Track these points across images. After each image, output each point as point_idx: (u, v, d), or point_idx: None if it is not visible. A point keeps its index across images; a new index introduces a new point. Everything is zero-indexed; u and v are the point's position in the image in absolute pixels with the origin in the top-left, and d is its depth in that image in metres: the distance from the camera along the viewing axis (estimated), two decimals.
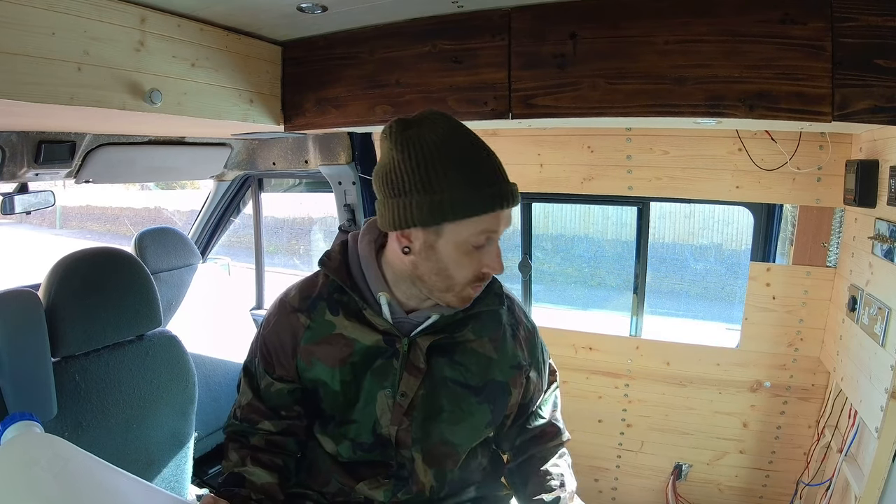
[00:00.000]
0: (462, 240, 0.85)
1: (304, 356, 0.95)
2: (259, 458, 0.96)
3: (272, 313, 1.00)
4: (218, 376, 2.19)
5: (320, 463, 1.01)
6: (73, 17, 1.17)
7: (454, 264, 0.86)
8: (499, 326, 0.99)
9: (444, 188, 0.83)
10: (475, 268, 0.88)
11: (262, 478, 0.94)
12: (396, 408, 0.94)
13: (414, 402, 0.94)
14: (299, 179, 2.72)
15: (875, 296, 1.39)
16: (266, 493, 0.94)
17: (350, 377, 0.94)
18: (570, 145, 1.97)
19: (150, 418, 1.32)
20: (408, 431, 0.95)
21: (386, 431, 0.95)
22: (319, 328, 0.95)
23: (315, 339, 0.95)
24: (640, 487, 2.13)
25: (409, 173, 0.83)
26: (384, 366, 0.93)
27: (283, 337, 0.97)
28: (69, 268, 1.22)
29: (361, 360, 0.93)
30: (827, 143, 1.68)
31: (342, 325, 0.94)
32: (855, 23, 1.19)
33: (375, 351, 0.93)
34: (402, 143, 0.84)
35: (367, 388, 0.94)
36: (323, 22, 1.57)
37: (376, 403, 0.94)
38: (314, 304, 0.96)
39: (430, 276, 0.88)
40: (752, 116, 1.30)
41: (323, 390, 0.96)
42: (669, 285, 6.46)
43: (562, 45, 1.42)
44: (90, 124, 1.62)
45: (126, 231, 9.94)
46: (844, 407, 1.61)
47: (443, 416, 0.95)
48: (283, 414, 0.99)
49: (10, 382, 1.09)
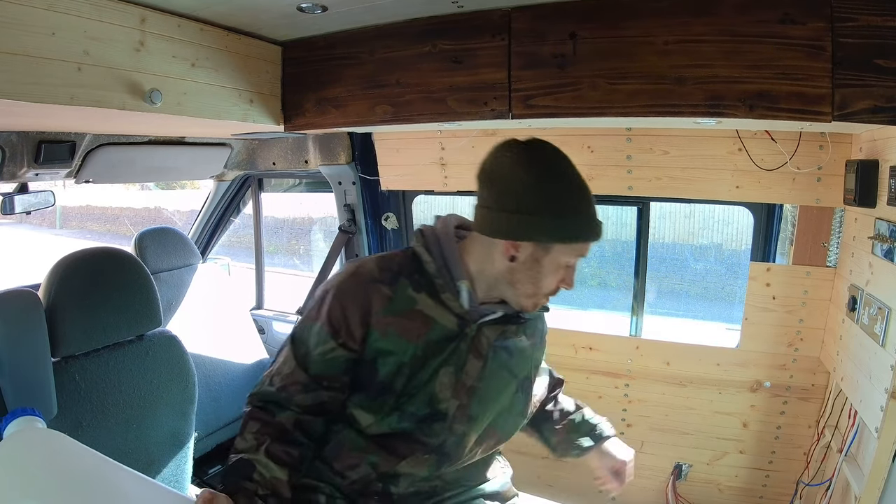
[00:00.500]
0: (563, 260, 0.99)
1: (380, 326, 0.99)
2: (274, 450, 0.96)
3: (345, 281, 1.02)
4: (218, 376, 2.19)
5: (351, 443, 1.02)
6: (73, 17, 1.17)
7: (547, 278, 1.00)
8: (539, 331, 1.15)
9: (569, 217, 0.96)
10: (557, 283, 1.01)
11: (272, 471, 0.95)
12: (459, 385, 1.02)
13: (475, 383, 1.03)
14: (299, 179, 2.72)
15: (875, 296, 1.39)
16: (273, 488, 0.94)
17: (421, 353, 1.00)
18: (570, 145, 1.95)
19: (150, 418, 1.31)
20: (465, 409, 1.03)
21: (444, 406, 1.01)
22: (401, 302, 1.00)
23: (394, 312, 0.99)
24: (640, 487, 2.12)
25: (538, 196, 0.95)
26: (453, 347, 1.01)
27: (358, 304, 0.99)
28: (69, 268, 1.22)
29: (435, 339, 1.00)
30: (827, 143, 1.68)
31: (424, 303, 1.01)
32: (855, 23, 1.19)
33: (448, 331, 1.01)
34: (531, 164, 0.96)
35: (433, 365, 1.00)
36: (323, 22, 1.57)
37: (437, 379, 1.01)
38: (395, 279, 1.01)
39: (524, 282, 1.00)
40: (752, 116, 1.30)
41: (389, 362, 0.99)
42: (669, 285, 6.45)
43: (562, 45, 1.42)
44: (90, 124, 1.63)
45: (126, 231, 9.94)
46: (844, 407, 1.61)
47: (497, 401, 1.06)
48: (326, 384, 1.00)
49: (10, 382, 1.09)
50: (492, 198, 0.98)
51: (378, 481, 1.02)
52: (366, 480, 1.02)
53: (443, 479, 1.06)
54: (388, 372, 0.99)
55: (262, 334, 2.62)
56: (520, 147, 0.98)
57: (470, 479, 1.10)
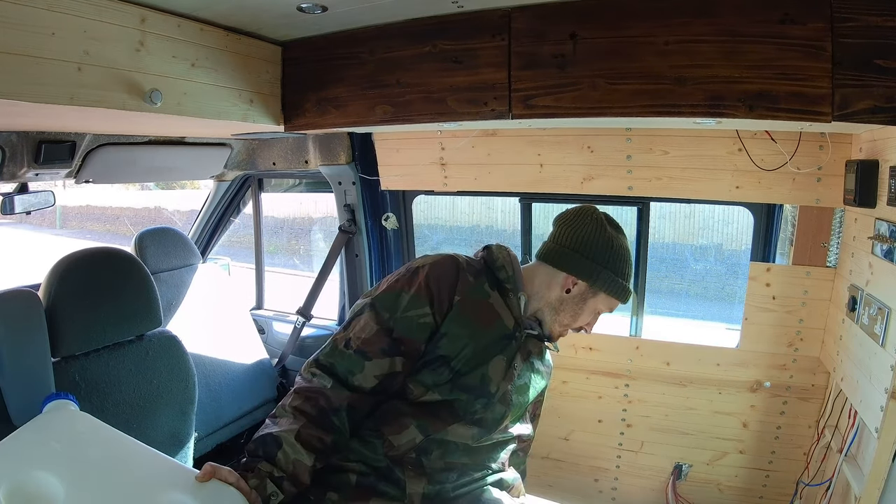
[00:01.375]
0: (599, 306, 1.24)
1: (462, 306, 1.13)
2: (307, 433, 1.00)
3: (440, 262, 1.16)
4: (218, 376, 2.19)
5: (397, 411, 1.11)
6: (73, 17, 1.17)
7: (583, 316, 1.24)
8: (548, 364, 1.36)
9: (621, 279, 1.22)
10: (583, 323, 1.25)
11: (298, 454, 0.98)
12: (509, 374, 1.19)
13: (517, 377, 1.21)
14: (299, 179, 2.72)
15: (875, 296, 1.39)
16: (293, 472, 0.97)
17: (485, 338, 1.15)
18: (570, 145, 1.97)
19: (150, 418, 1.32)
20: (508, 394, 1.18)
21: (493, 388, 1.15)
22: (479, 291, 1.17)
23: (473, 298, 1.15)
24: (640, 487, 2.13)
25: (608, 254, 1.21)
26: (506, 343, 1.18)
27: (449, 282, 1.14)
28: (69, 268, 1.22)
29: (497, 330, 1.17)
30: (827, 143, 1.68)
31: (495, 299, 1.18)
32: (855, 23, 1.19)
33: (506, 329, 1.18)
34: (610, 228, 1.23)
35: (491, 352, 1.16)
36: (323, 22, 1.57)
37: (491, 363, 1.15)
38: (478, 273, 1.19)
39: (566, 313, 1.23)
40: (752, 116, 1.30)
41: (457, 337, 1.12)
42: (669, 285, 6.45)
43: (562, 45, 1.42)
44: (90, 124, 1.63)
45: (126, 231, 9.94)
46: (844, 407, 1.61)
47: (525, 399, 1.25)
48: (404, 349, 1.09)
49: (10, 382, 1.09)
50: (571, 241, 1.22)
51: (415, 451, 1.09)
52: (409, 446, 1.09)
53: (472, 456, 1.16)
54: (454, 347, 1.11)
55: (262, 334, 2.62)
56: (600, 214, 1.24)
57: (493, 461, 1.21)
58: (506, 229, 6.94)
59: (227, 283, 2.48)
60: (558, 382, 2.07)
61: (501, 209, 7.12)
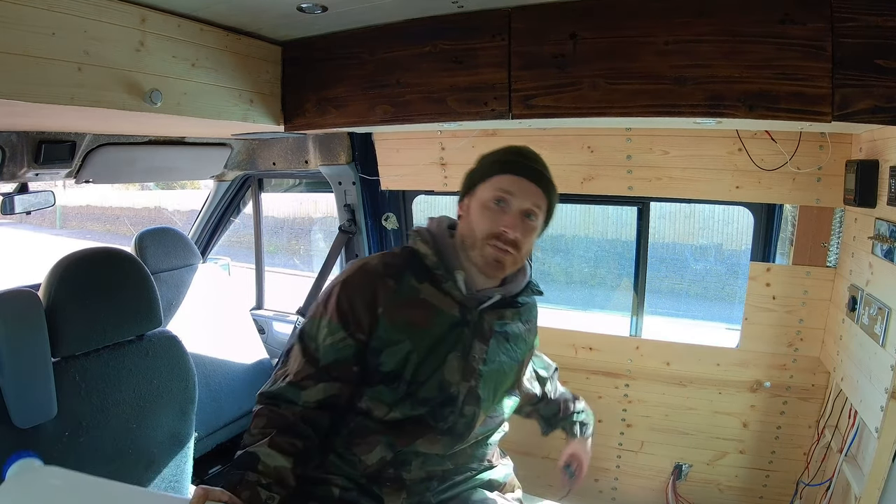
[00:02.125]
0: (485, 197, 1.08)
1: (389, 316, 1.05)
2: (279, 440, 0.99)
3: (352, 276, 1.08)
4: (218, 376, 2.19)
5: (365, 430, 1.07)
6: (73, 17, 1.17)
7: (478, 218, 1.07)
8: (533, 317, 1.25)
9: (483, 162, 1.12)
10: (492, 224, 1.06)
11: (276, 460, 0.97)
12: (468, 368, 1.09)
13: (481, 366, 1.10)
14: (299, 179, 2.72)
15: (875, 296, 1.39)
16: (277, 477, 0.96)
17: (429, 339, 1.06)
18: (570, 145, 1.97)
19: (150, 418, 1.31)
20: (474, 391, 1.09)
21: (454, 390, 1.07)
22: (405, 292, 1.07)
23: (400, 302, 1.06)
24: (640, 487, 2.13)
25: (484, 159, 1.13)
26: (458, 332, 1.08)
27: (365, 296, 1.06)
28: (69, 268, 1.22)
29: (440, 325, 1.07)
30: (827, 143, 1.68)
31: (427, 291, 1.08)
32: (855, 23, 1.19)
33: (452, 318, 1.08)
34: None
35: (441, 352, 1.07)
36: (323, 22, 1.57)
37: (446, 365, 1.07)
38: (400, 272, 1.08)
39: (466, 231, 1.09)
40: (752, 116, 1.29)
41: (398, 350, 1.04)
42: (669, 285, 6.45)
43: (562, 45, 1.42)
44: (90, 124, 1.63)
45: (126, 231, 9.94)
46: (844, 407, 1.61)
47: (502, 383, 1.16)
48: (336, 374, 1.04)
49: (10, 382, 1.09)
50: None
51: (391, 466, 1.06)
52: (381, 464, 1.06)
53: (453, 460, 1.11)
54: (398, 360, 1.04)
55: (262, 334, 2.62)
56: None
57: (475, 461, 1.16)
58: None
59: (227, 283, 2.48)
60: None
61: None
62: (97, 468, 1.21)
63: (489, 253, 1.06)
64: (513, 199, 1.07)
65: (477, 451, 1.17)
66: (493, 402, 1.15)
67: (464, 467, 1.15)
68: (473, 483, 1.16)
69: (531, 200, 1.08)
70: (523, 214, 1.08)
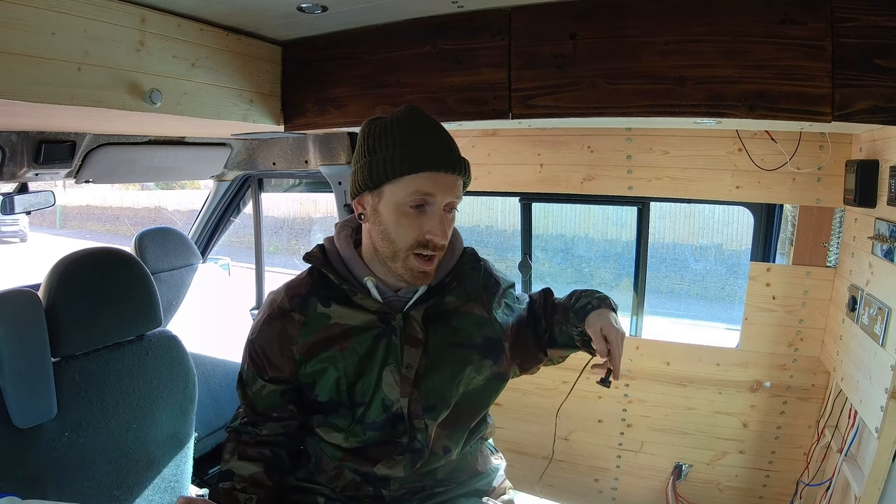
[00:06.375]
0: (398, 200, 0.92)
1: (304, 351, 0.99)
2: (246, 452, 1.04)
3: (260, 319, 1.05)
4: (218, 376, 2.19)
5: (328, 457, 1.05)
6: (73, 17, 1.17)
7: (394, 227, 0.93)
8: (480, 287, 1.07)
9: (383, 150, 0.92)
10: (415, 233, 0.93)
11: (247, 469, 1.01)
12: (404, 381, 0.98)
13: (419, 371, 0.99)
14: (299, 179, 2.72)
15: (875, 296, 1.39)
16: (251, 481, 1.00)
17: (354, 361, 0.98)
18: (570, 145, 1.97)
19: (150, 418, 1.31)
20: (418, 402, 0.99)
21: (397, 406, 0.99)
22: (315, 322, 1.00)
23: (313, 334, 0.99)
24: (640, 487, 2.13)
25: (360, 146, 0.96)
26: (384, 344, 0.98)
27: (274, 339, 1.01)
28: (69, 268, 1.22)
29: (361, 343, 0.98)
30: (827, 143, 1.68)
31: (336, 313, 0.99)
32: (855, 23, 1.19)
33: (373, 331, 0.98)
34: (365, 126, 0.97)
35: (371, 369, 0.98)
36: (323, 22, 1.57)
37: (383, 381, 0.98)
38: (305, 302, 1.01)
39: (380, 242, 0.96)
40: (752, 116, 1.29)
41: (327, 380, 0.99)
42: (669, 285, 6.46)
43: (562, 45, 1.42)
44: (90, 124, 1.62)
45: (126, 231, 9.94)
46: (844, 407, 1.61)
47: (452, 380, 1.01)
48: (276, 416, 1.05)
49: (10, 382, 1.09)
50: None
51: (368, 485, 1.03)
52: (354, 485, 1.04)
53: (433, 476, 1.04)
54: (328, 389, 1.00)
55: None
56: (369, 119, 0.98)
57: (461, 473, 1.08)
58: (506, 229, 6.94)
59: (227, 283, 2.48)
60: (559, 382, 2.07)
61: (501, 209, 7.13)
62: (97, 468, 1.22)
63: (415, 265, 0.95)
64: (434, 198, 0.92)
65: (461, 465, 1.08)
66: (452, 403, 1.02)
67: (447, 479, 1.06)
68: (459, 492, 1.08)
69: (453, 193, 0.94)
70: (446, 210, 0.95)
